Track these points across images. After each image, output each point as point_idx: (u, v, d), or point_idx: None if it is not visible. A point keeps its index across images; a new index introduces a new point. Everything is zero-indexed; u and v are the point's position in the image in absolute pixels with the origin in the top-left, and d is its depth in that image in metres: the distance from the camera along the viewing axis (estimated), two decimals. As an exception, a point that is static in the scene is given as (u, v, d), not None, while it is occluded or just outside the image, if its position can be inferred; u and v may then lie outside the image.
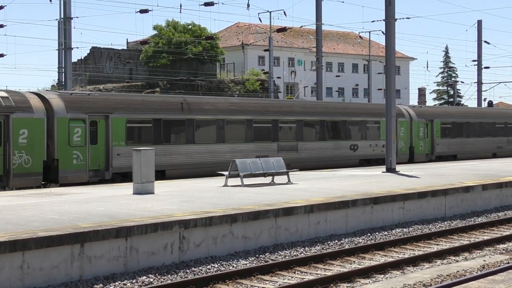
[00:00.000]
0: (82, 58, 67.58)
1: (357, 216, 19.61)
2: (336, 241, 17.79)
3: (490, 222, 21.20)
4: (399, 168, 32.12)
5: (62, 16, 42.97)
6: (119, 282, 13.24)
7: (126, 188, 22.85)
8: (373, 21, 67.33)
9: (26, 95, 27.67)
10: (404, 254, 16.38)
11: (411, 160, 43.58)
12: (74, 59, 63.31)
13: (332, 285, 13.25)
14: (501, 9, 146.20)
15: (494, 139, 52.04)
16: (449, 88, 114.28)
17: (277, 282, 13.61)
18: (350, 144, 40.36)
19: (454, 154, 47.56)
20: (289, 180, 25.23)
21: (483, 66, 68.52)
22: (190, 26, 71.62)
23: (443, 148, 46.93)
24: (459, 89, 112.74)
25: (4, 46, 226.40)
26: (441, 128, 46.90)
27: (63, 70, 43.95)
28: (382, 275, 14.05)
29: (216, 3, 47.61)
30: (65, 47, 42.42)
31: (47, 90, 39.41)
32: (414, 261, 15.25)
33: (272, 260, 15.48)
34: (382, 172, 30.77)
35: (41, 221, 14.89)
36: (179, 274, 13.98)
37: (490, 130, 51.90)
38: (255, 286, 13.39)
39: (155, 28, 71.56)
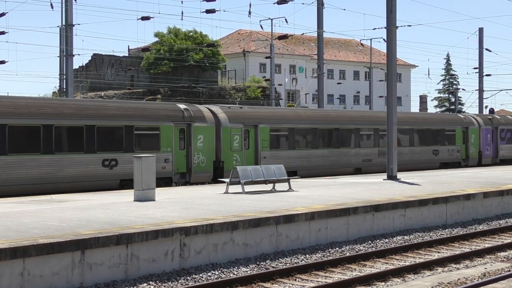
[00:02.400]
0: (84, 65, 67.63)
1: (358, 224, 19.59)
2: (337, 248, 17.78)
3: (491, 230, 21.17)
4: (399, 175, 32.10)
5: (63, 23, 43.00)
6: (120, 289, 13.24)
7: (127, 195, 22.86)
8: (374, 29, 67.69)
9: None
10: (405, 262, 16.36)
11: (218, 179, 32.18)
12: (76, 66, 63.33)
13: (333, 292, 13.23)
14: (502, 17, 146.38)
15: (357, 150, 41.03)
16: (450, 96, 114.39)
17: (277, 289, 13.60)
18: (104, 158, 29.07)
19: (293, 170, 35.61)
20: (290, 187, 25.24)
21: (484, 74, 68.61)
22: (191, 33, 71.72)
23: (274, 162, 34.40)
24: (460, 97, 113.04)
25: (6, 52, 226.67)
26: (271, 136, 36.00)
27: (64, 77, 43.97)
28: (383, 283, 14.04)
29: (217, 10, 47.70)
30: (66, 54, 42.47)
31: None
32: (415, 269, 15.23)
33: (273, 267, 15.46)
34: (383, 179, 30.75)
35: (41, 228, 14.89)
36: (180, 281, 13.97)
37: (351, 139, 40.88)
38: (255, 293, 13.37)
39: (156, 35, 71.69)
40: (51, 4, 44.70)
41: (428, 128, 46.34)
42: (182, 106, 33.19)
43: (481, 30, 66.65)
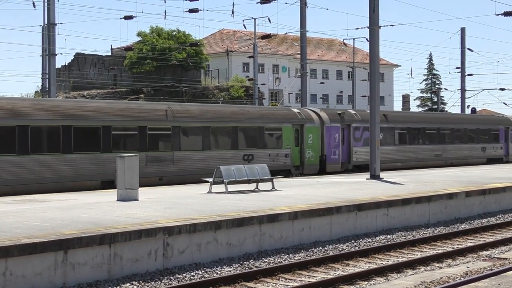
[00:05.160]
0: (66, 64, 67.36)
1: (341, 223, 19.63)
2: (320, 248, 17.80)
3: (473, 229, 21.29)
4: (382, 175, 32.22)
5: (46, 22, 42.83)
6: (103, 289, 13.20)
7: (110, 195, 22.78)
8: (357, 28, 67.82)
9: None
10: (388, 261, 16.41)
11: None
12: (58, 65, 63.14)
13: (316, 292, 13.26)
14: (484, 16, 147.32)
15: (107, 156, 28.69)
16: (433, 95, 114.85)
17: (261, 289, 13.61)
18: None
19: None
20: (273, 187, 25.24)
21: (466, 73, 68.98)
22: (174, 33, 71.62)
23: None
24: (442, 96, 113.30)
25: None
26: None
27: (47, 76, 43.77)
28: (366, 282, 14.08)
29: (200, 10, 47.61)
30: (49, 53, 42.28)
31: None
32: (397, 268, 15.28)
33: (256, 267, 15.46)
34: (366, 178, 30.86)
35: (24, 228, 14.81)
36: (163, 281, 13.94)
37: (95, 140, 29.13)
38: (239, 293, 13.37)
39: (139, 34, 71.52)
40: (33, 3, 44.48)
41: (237, 126, 34.84)
42: None
43: (463, 30, 66.98)
